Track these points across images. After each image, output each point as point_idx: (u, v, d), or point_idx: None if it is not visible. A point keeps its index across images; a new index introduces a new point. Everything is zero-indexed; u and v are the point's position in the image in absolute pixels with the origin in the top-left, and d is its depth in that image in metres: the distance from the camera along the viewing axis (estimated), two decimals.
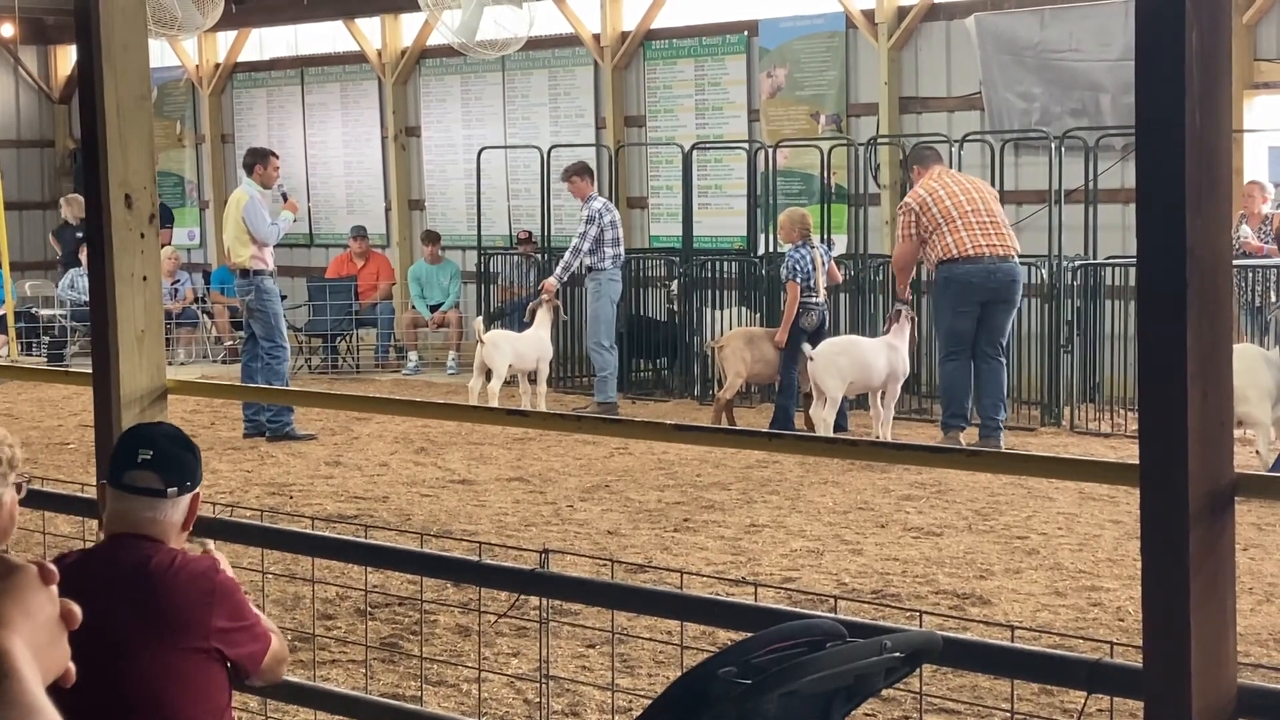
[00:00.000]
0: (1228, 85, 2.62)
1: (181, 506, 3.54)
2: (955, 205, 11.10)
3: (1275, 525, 8.60)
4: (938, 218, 11.09)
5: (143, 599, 3.40)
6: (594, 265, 13.52)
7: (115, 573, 3.38)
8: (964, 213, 11.11)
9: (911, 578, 7.63)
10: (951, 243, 11.05)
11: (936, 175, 11.39)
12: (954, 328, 11.21)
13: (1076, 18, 13.44)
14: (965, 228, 11.08)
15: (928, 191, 11.20)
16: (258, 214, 12.13)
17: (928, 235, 11.10)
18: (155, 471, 3.50)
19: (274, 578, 6.95)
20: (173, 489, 3.50)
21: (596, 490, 9.96)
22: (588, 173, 14.00)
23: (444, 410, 6.36)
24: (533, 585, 4.22)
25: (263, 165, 12.46)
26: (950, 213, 11.09)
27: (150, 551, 3.47)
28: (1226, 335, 2.71)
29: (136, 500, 3.49)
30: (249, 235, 12.12)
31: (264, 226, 12.14)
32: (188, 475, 3.55)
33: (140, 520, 3.50)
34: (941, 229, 11.07)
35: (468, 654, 6.29)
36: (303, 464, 11.12)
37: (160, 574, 3.43)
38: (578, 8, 16.45)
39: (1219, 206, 2.63)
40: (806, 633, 2.51)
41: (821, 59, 15.03)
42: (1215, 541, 2.66)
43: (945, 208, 11.10)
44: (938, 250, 11.11)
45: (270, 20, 18.99)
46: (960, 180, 11.47)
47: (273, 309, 12.24)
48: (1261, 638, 6.53)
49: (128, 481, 3.50)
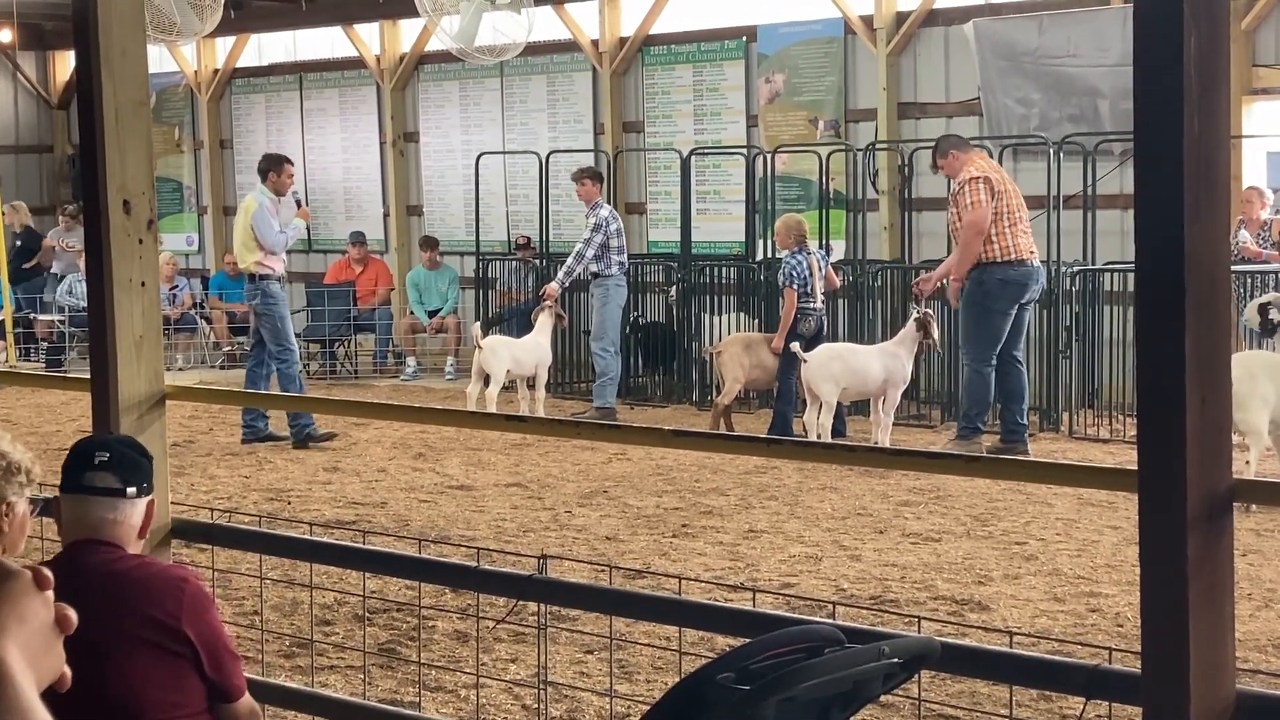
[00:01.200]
0: (1226, 91, 2.62)
1: (139, 509, 3.57)
2: (1018, 204, 11.00)
3: (1274, 531, 8.60)
4: (1010, 207, 10.90)
5: (109, 599, 3.41)
6: (600, 272, 13.52)
7: (78, 578, 3.38)
8: (1023, 214, 11.04)
9: (910, 583, 7.63)
10: (1015, 243, 10.87)
11: (988, 161, 11.27)
12: (997, 330, 11.04)
13: (1074, 23, 13.45)
14: (1024, 230, 11.01)
15: (1000, 176, 11.00)
16: (266, 222, 12.07)
17: (994, 220, 10.85)
18: (113, 472, 3.53)
19: (272, 583, 6.95)
20: (131, 489, 3.53)
21: (595, 496, 9.96)
22: (599, 178, 14.03)
23: (442, 416, 6.35)
24: (531, 591, 4.22)
25: (276, 172, 12.37)
26: (1014, 211, 10.92)
27: (112, 555, 3.48)
28: (1225, 340, 2.71)
29: (95, 502, 3.52)
30: (256, 241, 12.09)
31: (271, 235, 12.09)
32: (144, 477, 3.58)
33: (100, 523, 3.51)
34: (1004, 223, 10.87)
35: (466, 660, 6.29)
36: (301, 469, 11.11)
37: (125, 572, 3.45)
38: (576, 13, 16.46)
39: (1217, 212, 2.63)
40: (805, 638, 2.51)
41: (820, 64, 15.03)
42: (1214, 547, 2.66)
43: (1011, 204, 10.90)
44: (998, 246, 10.88)
45: (269, 26, 18.99)
46: (1007, 176, 11.39)
47: (278, 313, 12.17)
48: (1260, 643, 6.52)
49: (86, 483, 3.52)
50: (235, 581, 7.20)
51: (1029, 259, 11.05)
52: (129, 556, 3.52)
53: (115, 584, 3.41)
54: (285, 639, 6.58)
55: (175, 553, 5.32)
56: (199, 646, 3.47)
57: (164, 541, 4.79)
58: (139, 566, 3.50)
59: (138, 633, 3.40)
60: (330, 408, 10.67)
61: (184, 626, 3.45)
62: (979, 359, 11.10)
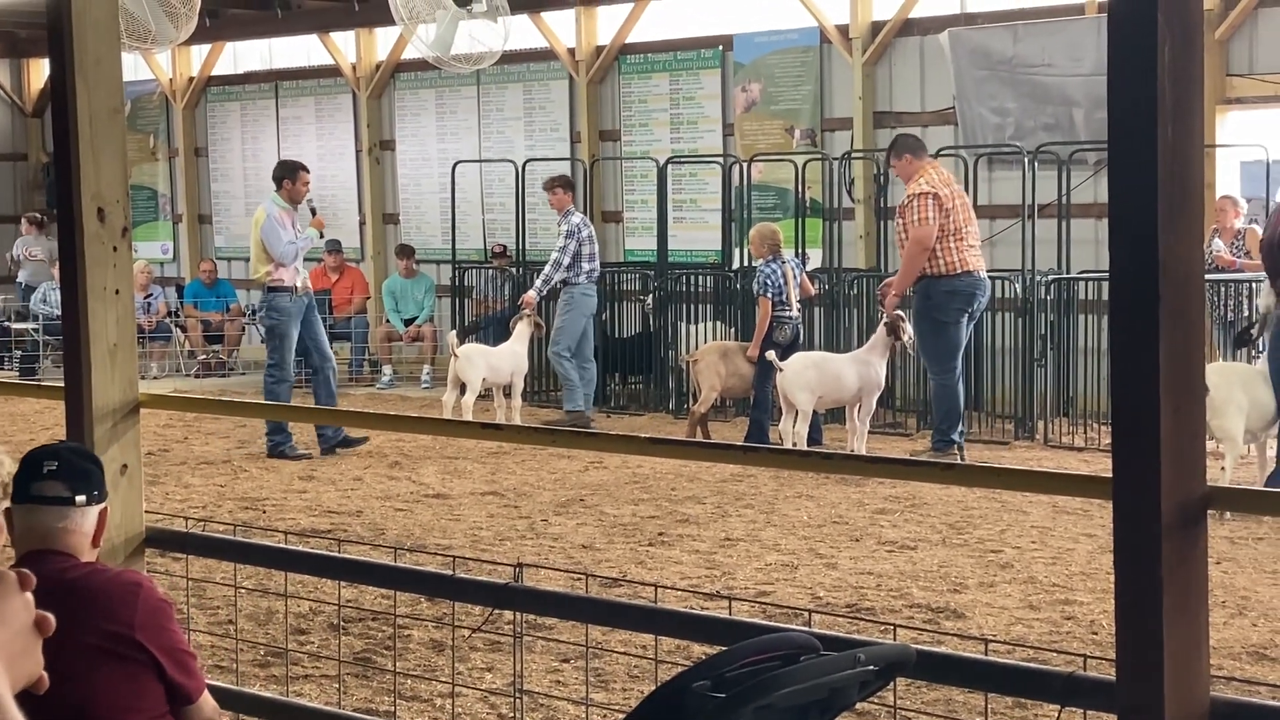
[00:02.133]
0: (1200, 99, 2.63)
1: (90, 518, 3.56)
2: (966, 216, 11.06)
3: (1248, 539, 8.63)
4: (958, 222, 10.96)
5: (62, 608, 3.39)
6: (569, 280, 13.53)
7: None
8: (971, 230, 11.09)
9: (886, 591, 7.64)
10: (958, 260, 10.94)
11: (943, 173, 11.30)
12: (954, 340, 11.11)
13: (1049, 33, 13.50)
14: (972, 243, 11.06)
15: (952, 190, 11.04)
16: (274, 232, 11.79)
17: (941, 237, 10.88)
18: (62, 481, 3.52)
19: (247, 592, 6.93)
20: (81, 497, 3.53)
21: (571, 504, 9.95)
22: (570, 186, 14.05)
23: (418, 424, 6.35)
24: (507, 599, 4.22)
25: (291, 180, 12.03)
26: (962, 226, 10.98)
27: (64, 564, 3.47)
28: (1198, 348, 2.72)
29: (45, 511, 3.51)
30: (268, 253, 11.84)
31: (280, 245, 11.78)
32: (94, 485, 3.57)
33: (51, 533, 3.50)
34: (952, 238, 10.92)
35: (441, 669, 6.28)
36: (276, 478, 11.08)
37: (78, 580, 3.44)
38: (553, 22, 16.46)
39: (1191, 220, 2.64)
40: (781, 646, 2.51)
41: (796, 74, 15.06)
42: (1187, 554, 2.67)
43: (958, 219, 10.96)
44: (943, 261, 10.95)
45: (244, 34, 18.96)
46: (958, 187, 11.44)
47: (282, 329, 11.85)
48: (1235, 651, 6.54)
49: (35, 492, 3.52)
50: (210, 591, 7.18)
51: (979, 269, 11.10)
52: (81, 565, 3.51)
53: (68, 593, 3.40)
54: (260, 648, 6.56)
55: (149, 562, 5.30)
56: (156, 652, 3.46)
57: (138, 550, 4.77)
58: (91, 575, 3.49)
59: (93, 641, 3.39)
60: (305, 415, 10.65)
61: (139, 633, 3.44)
62: (942, 371, 11.15)
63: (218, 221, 19.95)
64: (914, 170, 11.12)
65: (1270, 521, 8.89)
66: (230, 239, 19.82)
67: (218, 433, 13.11)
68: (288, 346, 11.88)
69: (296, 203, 12.10)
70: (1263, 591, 7.54)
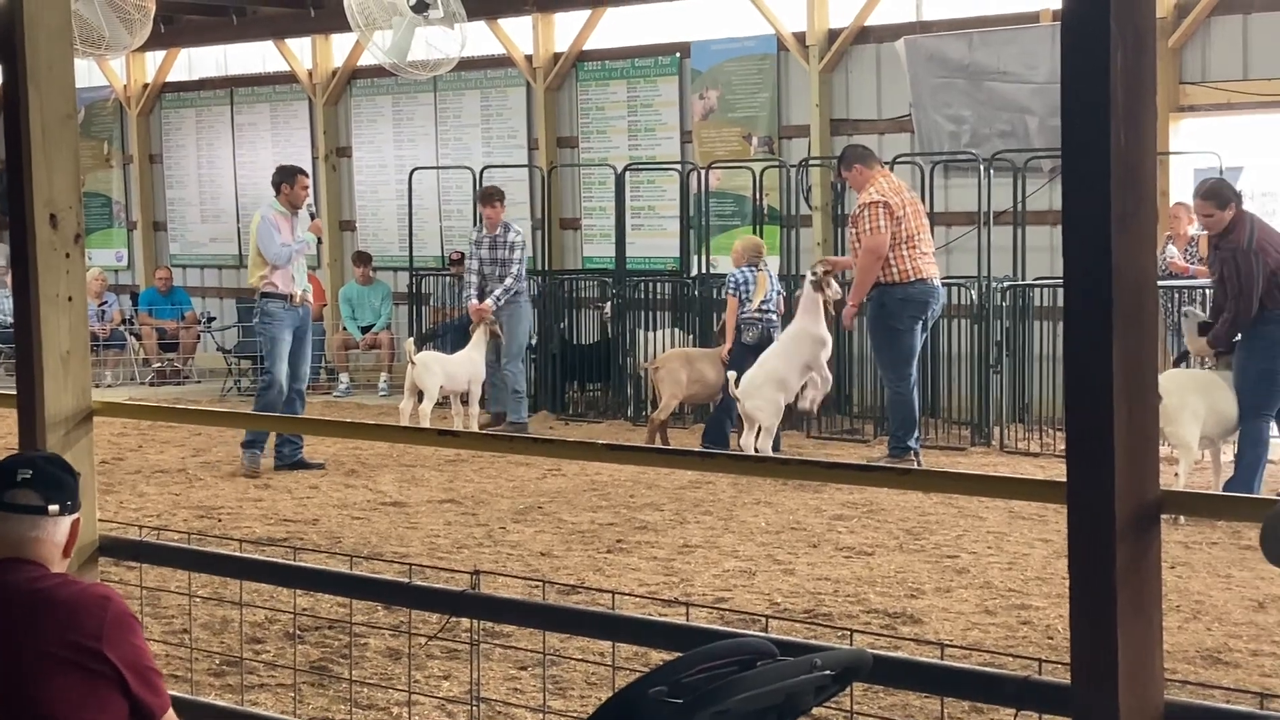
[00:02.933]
0: (1152, 106, 2.64)
1: (63, 527, 3.54)
2: (918, 224, 11.11)
3: (1202, 544, 8.68)
4: (910, 230, 11.01)
5: (30, 618, 3.38)
6: (518, 290, 13.59)
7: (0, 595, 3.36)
8: (924, 237, 11.15)
9: (843, 597, 7.65)
10: (911, 267, 10.99)
11: (893, 180, 11.35)
12: (909, 348, 11.14)
13: (1004, 41, 13.57)
14: (925, 250, 11.12)
15: (902, 198, 11.09)
16: (268, 234, 11.53)
17: (894, 245, 10.94)
18: (35, 489, 3.50)
19: (202, 601, 6.89)
20: (54, 506, 3.51)
21: (529, 512, 9.93)
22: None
23: (375, 431, 6.31)
24: (464, 607, 4.20)
25: (289, 184, 11.74)
26: (915, 234, 11.04)
27: (34, 573, 3.45)
28: (1152, 353, 2.73)
29: (18, 520, 3.49)
30: (263, 257, 11.58)
31: (274, 247, 11.49)
32: (68, 495, 3.55)
33: (23, 541, 3.48)
34: (904, 245, 10.96)
35: (398, 677, 6.25)
36: (231, 487, 11.03)
37: (47, 591, 3.42)
38: (510, 29, 16.45)
39: (1144, 226, 2.65)
40: (738, 651, 2.51)
41: (753, 81, 15.09)
42: (1141, 557, 2.68)
43: (910, 226, 11.03)
44: (897, 268, 10.99)
45: (199, 40, 18.88)
46: (914, 198, 11.50)
47: (270, 334, 11.57)
48: (1189, 655, 6.58)
49: (8, 500, 3.49)
50: (164, 600, 7.14)
51: (933, 276, 11.15)
52: (51, 575, 3.48)
53: (36, 603, 3.38)
54: (215, 657, 6.52)
55: (103, 571, 5.26)
56: (121, 666, 3.43)
57: (91, 559, 4.74)
58: (61, 585, 3.47)
59: (58, 652, 3.37)
60: (261, 424, 10.60)
61: (105, 647, 3.41)
62: (897, 378, 11.19)
63: (173, 229, 19.86)
64: (865, 180, 11.18)
65: (1224, 526, 8.95)
66: (186, 246, 19.73)
67: (173, 441, 13.04)
68: (279, 352, 11.59)
69: (296, 207, 11.79)
70: (1216, 596, 7.59)
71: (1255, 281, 9.28)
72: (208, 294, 19.44)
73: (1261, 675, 6.30)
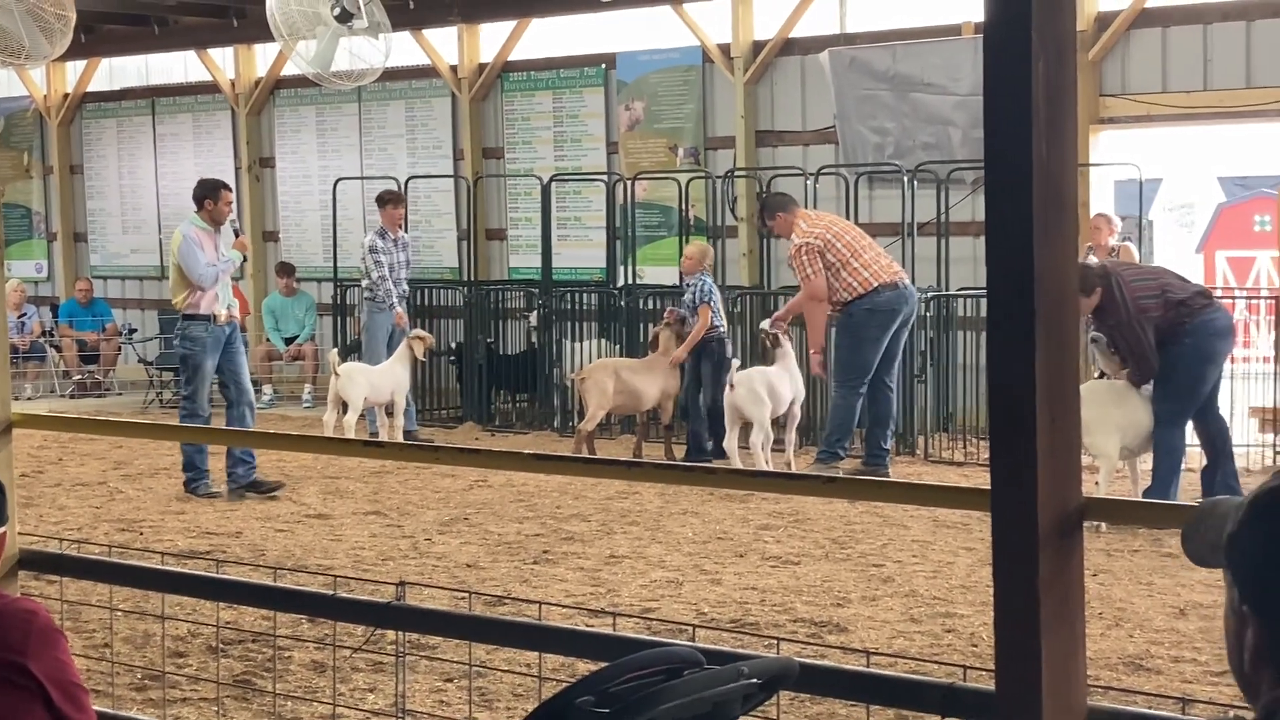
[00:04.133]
0: (1073, 117, 2.66)
1: None
2: (854, 239, 11.22)
3: (1124, 551, 8.77)
4: (844, 253, 11.09)
5: None
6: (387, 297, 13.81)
7: None
8: (863, 245, 11.23)
9: (770, 606, 7.67)
10: (868, 276, 11.08)
11: (814, 216, 11.50)
12: (867, 359, 11.20)
13: (927, 53, 13.67)
14: (873, 260, 11.18)
15: (824, 228, 11.21)
16: (192, 254, 10.90)
17: (835, 271, 11.06)
18: None
19: (123, 615, 6.81)
20: None
21: (455, 523, 9.90)
22: None
23: (298, 442, 6.27)
24: (389, 619, 4.18)
25: (213, 199, 11.10)
26: (853, 246, 11.14)
27: None
28: (1074, 361, 2.75)
29: None
30: (184, 277, 10.97)
31: (199, 267, 10.88)
32: None
33: None
34: (850, 263, 11.07)
35: (323, 690, 6.21)
36: (153, 499, 10.92)
37: None
38: (434, 39, 16.41)
39: (1065, 236, 2.67)
40: (664, 660, 2.51)
41: (679, 92, 15.13)
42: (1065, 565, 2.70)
43: (846, 242, 11.14)
44: (855, 282, 11.07)
45: (121, 50, 18.71)
46: (835, 218, 11.68)
47: (196, 360, 10.95)
48: (1111, 661, 6.64)
49: None
50: (85, 614, 7.06)
51: (894, 280, 11.20)
52: None
53: None
54: (137, 671, 6.45)
55: (23, 585, 5.19)
56: (45, 682, 3.38)
57: (11, 573, 4.67)
58: None
59: None
60: (183, 435, 10.50)
61: (29, 662, 3.36)
62: (847, 385, 11.25)
63: (94, 240, 19.66)
64: (788, 225, 11.37)
65: (1145, 534, 9.05)
66: (106, 257, 19.54)
67: (94, 454, 12.90)
68: (202, 378, 11.02)
69: (219, 223, 11.15)
70: (1138, 603, 7.67)
71: (1147, 346, 9.48)
72: (129, 305, 19.25)
73: (1183, 681, 6.37)
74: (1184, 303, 9.54)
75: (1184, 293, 9.64)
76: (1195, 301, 9.60)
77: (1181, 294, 9.61)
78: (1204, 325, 9.52)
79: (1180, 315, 9.50)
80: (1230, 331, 9.80)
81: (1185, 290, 9.69)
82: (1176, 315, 9.49)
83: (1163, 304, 9.51)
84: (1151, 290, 9.57)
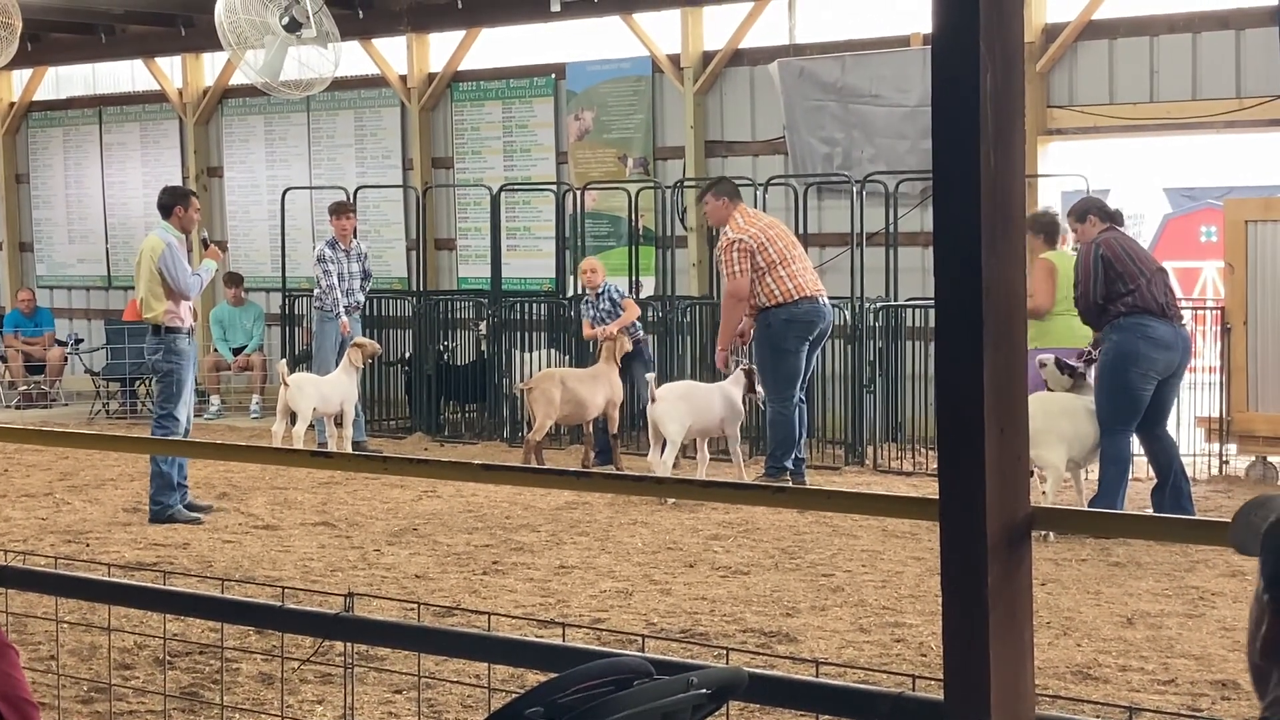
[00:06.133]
0: (1021, 128, 2.68)
1: None
2: (787, 246, 11.16)
3: (1071, 561, 8.82)
4: (774, 257, 11.01)
5: None
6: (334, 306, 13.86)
7: None
8: (796, 255, 11.19)
9: (720, 616, 7.67)
10: (792, 286, 11.03)
11: (753, 214, 11.43)
12: (793, 368, 11.15)
13: (876, 64, 13.74)
14: (801, 271, 11.15)
15: (760, 229, 11.15)
16: (178, 263, 10.48)
17: (761, 274, 11.00)
18: None
19: (69, 627, 6.76)
20: None
21: (404, 534, 9.86)
22: None
23: (247, 453, 6.23)
24: (337, 630, 4.15)
25: (183, 207, 10.70)
26: (785, 253, 11.07)
27: None
28: (1022, 371, 2.76)
29: None
30: (164, 288, 10.49)
31: (185, 277, 10.50)
32: None
33: None
34: (777, 269, 10.98)
35: (271, 702, 6.17)
36: (100, 511, 10.83)
37: None
38: (384, 48, 16.37)
39: (1013, 246, 2.68)
40: (614, 671, 2.50)
41: (629, 102, 15.14)
42: (1013, 574, 2.71)
43: (779, 248, 11.06)
44: (778, 290, 11.01)
45: (67, 58, 18.59)
46: (774, 221, 11.56)
47: (179, 375, 10.51)
48: (1059, 670, 6.67)
49: None
50: (31, 626, 6.99)
51: (815, 295, 11.16)
52: None
53: None
54: (83, 684, 6.39)
55: None
56: None
57: None
58: None
59: None
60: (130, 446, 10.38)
61: None
62: (779, 398, 11.19)
63: (40, 250, 19.51)
64: (721, 215, 11.23)
65: (1093, 543, 9.11)
66: (52, 267, 19.39)
67: (39, 465, 12.79)
68: (185, 394, 10.58)
69: (188, 232, 10.88)
70: (1086, 612, 7.71)
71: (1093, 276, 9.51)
72: (75, 315, 19.11)
73: (1130, 690, 6.41)
74: (1141, 299, 9.52)
75: (1154, 293, 9.58)
76: (1150, 304, 9.56)
77: (1151, 291, 9.56)
78: (1137, 327, 9.51)
79: (1129, 306, 9.50)
80: (1167, 346, 9.56)
81: (1157, 292, 9.61)
82: (1130, 303, 9.50)
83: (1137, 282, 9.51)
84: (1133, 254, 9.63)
